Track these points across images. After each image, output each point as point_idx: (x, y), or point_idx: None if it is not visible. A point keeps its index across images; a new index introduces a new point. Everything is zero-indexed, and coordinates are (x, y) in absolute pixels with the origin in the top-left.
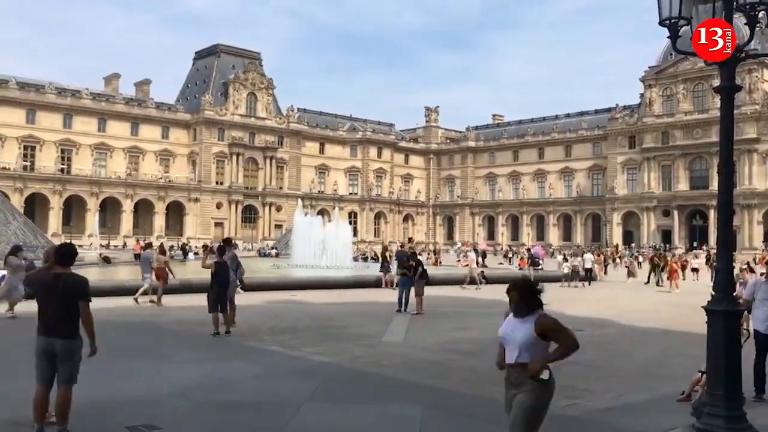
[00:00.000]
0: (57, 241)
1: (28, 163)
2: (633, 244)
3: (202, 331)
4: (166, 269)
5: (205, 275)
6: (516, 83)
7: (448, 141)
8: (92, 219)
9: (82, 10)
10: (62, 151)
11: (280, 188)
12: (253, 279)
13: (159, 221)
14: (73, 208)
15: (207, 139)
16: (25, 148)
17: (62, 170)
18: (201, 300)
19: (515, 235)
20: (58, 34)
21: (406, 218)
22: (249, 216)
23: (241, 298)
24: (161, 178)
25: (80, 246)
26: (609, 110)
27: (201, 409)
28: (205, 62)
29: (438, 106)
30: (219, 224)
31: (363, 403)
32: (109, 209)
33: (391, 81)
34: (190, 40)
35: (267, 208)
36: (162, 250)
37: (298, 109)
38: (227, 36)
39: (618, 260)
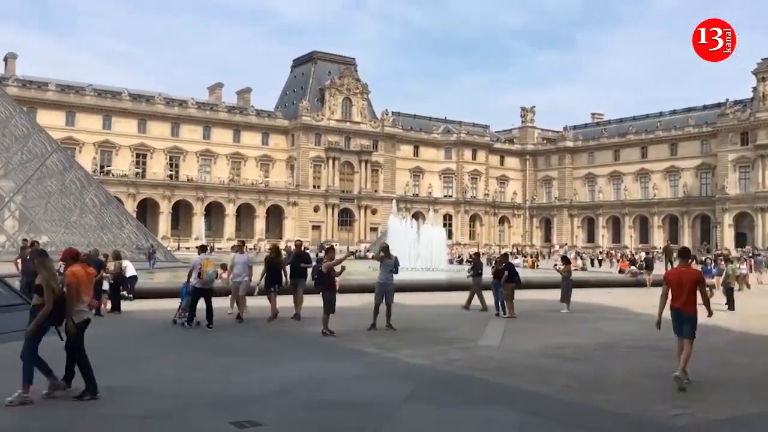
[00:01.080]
0: (166, 244)
1: (140, 170)
2: (747, 247)
3: (303, 330)
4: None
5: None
6: (617, 81)
7: (544, 141)
8: (198, 222)
9: (189, 26)
10: (170, 158)
11: (375, 191)
12: (351, 281)
13: (260, 224)
14: (181, 212)
15: (304, 144)
16: (137, 156)
17: (170, 176)
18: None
19: (616, 237)
20: (167, 48)
21: (501, 220)
22: (345, 219)
23: (338, 300)
24: (261, 182)
25: (187, 248)
26: (719, 105)
27: (301, 408)
28: (302, 69)
29: (534, 106)
30: (316, 227)
31: (459, 407)
32: (214, 213)
33: (486, 82)
34: (289, 49)
35: (362, 211)
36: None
37: (392, 112)
38: (324, 43)
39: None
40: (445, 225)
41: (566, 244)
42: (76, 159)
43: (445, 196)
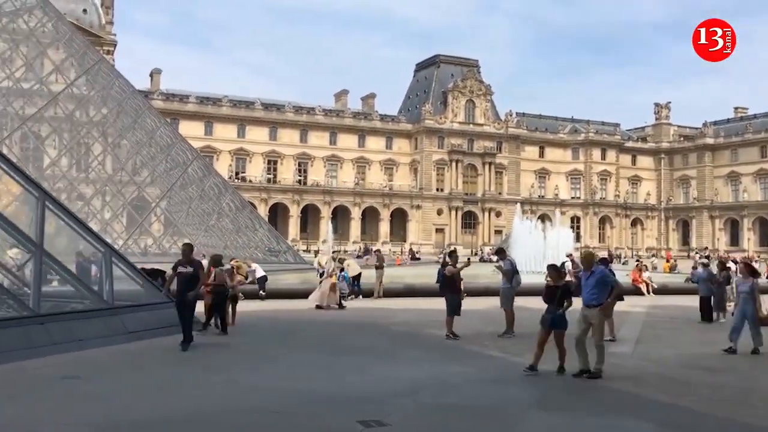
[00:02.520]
0: (296, 247)
1: (271, 176)
2: None
3: (427, 333)
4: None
5: (428, 280)
6: (765, 72)
7: (681, 139)
8: (325, 226)
9: (318, 35)
10: (299, 164)
11: (499, 193)
12: (477, 284)
13: (384, 228)
14: (309, 216)
15: (427, 148)
16: (269, 162)
17: (299, 181)
18: (419, 303)
19: (765, 240)
20: (298, 57)
21: (634, 222)
22: (469, 222)
23: (464, 303)
24: (385, 186)
25: (316, 251)
26: None
27: (425, 410)
28: (425, 73)
29: (669, 102)
30: (440, 230)
31: (591, 417)
32: (340, 216)
33: (620, 79)
34: (413, 54)
35: (486, 214)
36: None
37: (516, 113)
38: (446, 47)
39: None
40: (572, 227)
41: (706, 248)
42: (214, 166)
43: (572, 197)
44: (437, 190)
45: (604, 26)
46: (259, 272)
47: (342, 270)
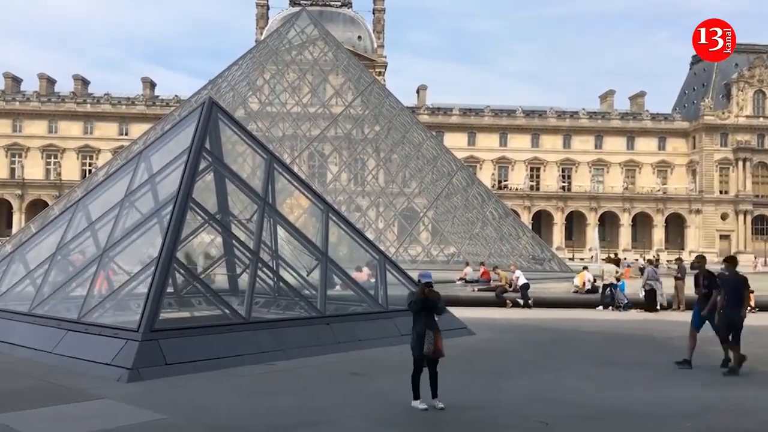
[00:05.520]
0: (561, 255)
1: (533, 183)
2: None
3: (704, 350)
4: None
5: None
6: None
7: None
8: (591, 233)
9: (582, 38)
10: (562, 169)
11: None
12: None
13: (658, 234)
14: (574, 223)
15: (708, 146)
16: (531, 169)
17: (563, 188)
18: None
19: None
20: (561, 62)
21: None
22: (761, 227)
23: (753, 319)
24: (658, 190)
25: (581, 259)
26: None
27: None
28: (704, 65)
29: None
30: (724, 237)
31: None
32: (608, 223)
33: None
34: (689, 48)
35: None
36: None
37: None
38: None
39: None
40: None
41: None
42: (477, 176)
43: None
44: (720, 192)
45: None
46: (522, 280)
47: (618, 279)
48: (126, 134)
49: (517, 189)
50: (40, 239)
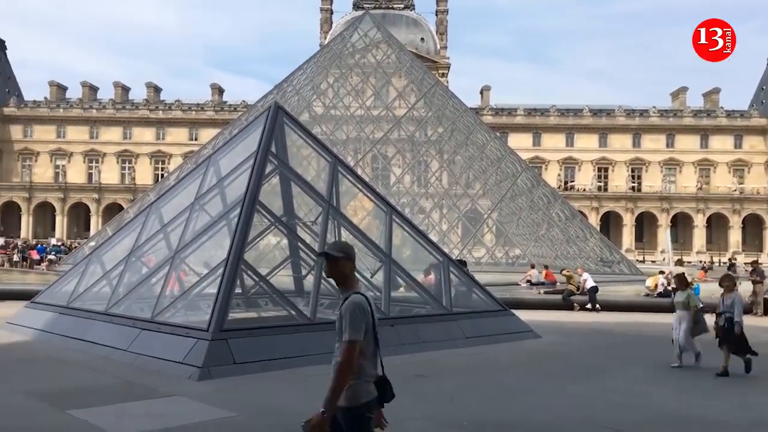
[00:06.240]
0: (631, 257)
1: (601, 184)
2: None
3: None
4: None
5: None
6: None
7: None
8: (663, 235)
9: (655, 35)
10: (632, 169)
11: None
12: None
13: (734, 236)
14: (645, 224)
15: None
16: (599, 169)
17: (633, 188)
18: None
19: None
20: (632, 60)
21: None
22: None
23: None
24: (735, 190)
25: (653, 261)
26: None
27: None
28: None
29: None
30: None
31: None
32: (680, 224)
33: None
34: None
35: None
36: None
37: None
38: None
39: None
40: None
41: None
42: (542, 176)
43: None
44: None
45: None
46: (590, 282)
47: (692, 283)
48: (196, 139)
49: (584, 190)
50: (116, 241)
